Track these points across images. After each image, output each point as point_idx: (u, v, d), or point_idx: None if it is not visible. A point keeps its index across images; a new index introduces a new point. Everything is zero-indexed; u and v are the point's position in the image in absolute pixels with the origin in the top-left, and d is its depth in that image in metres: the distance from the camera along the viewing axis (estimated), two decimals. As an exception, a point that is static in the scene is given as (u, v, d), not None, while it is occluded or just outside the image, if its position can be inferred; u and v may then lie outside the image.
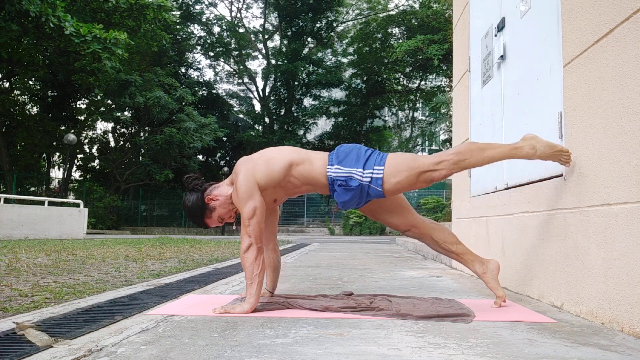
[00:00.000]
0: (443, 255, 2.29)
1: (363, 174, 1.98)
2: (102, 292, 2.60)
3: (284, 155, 2.06)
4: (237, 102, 31.87)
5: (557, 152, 1.96)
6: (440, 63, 17.16)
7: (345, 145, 2.11)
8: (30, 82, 22.47)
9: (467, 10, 3.80)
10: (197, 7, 27.83)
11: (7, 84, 22.31)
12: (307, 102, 30.32)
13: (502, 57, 2.89)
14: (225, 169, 26.98)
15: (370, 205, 2.16)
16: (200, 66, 29.96)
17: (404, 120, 31.71)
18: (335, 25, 29.40)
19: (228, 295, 2.43)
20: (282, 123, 28.19)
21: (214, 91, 29.47)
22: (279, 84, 28.70)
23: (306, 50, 29.01)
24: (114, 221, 22.07)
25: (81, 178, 26.19)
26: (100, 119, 24.30)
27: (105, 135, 25.59)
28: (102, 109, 23.45)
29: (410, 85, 28.57)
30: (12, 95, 22.44)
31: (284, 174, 2.04)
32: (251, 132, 27.94)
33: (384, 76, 27.79)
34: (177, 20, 21.28)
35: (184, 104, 22.79)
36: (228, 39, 28.87)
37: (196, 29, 28.73)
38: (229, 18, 29.65)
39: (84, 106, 24.24)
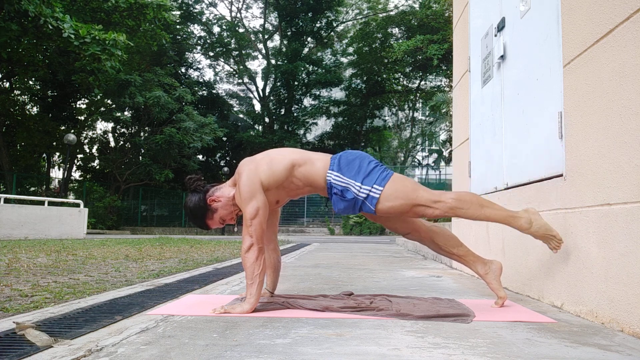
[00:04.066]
0: (445, 256, 2.30)
1: (360, 188, 1.99)
2: (102, 292, 2.60)
3: (287, 156, 2.07)
4: (237, 102, 31.90)
5: (550, 236, 1.97)
6: (439, 63, 17.16)
7: (350, 152, 2.10)
8: (30, 82, 22.48)
9: (467, 10, 3.80)
10: (197, 7, 27.85)
11: (7, 84, 22.32)
12: (307, 102, 30.35)
13: (502, 57, 2.89)
14: (226, 169, 26.99)
15: None
16: (200, 66, 30.01)
17: (404, 120, 31.73)
18: (335, 25, 29.41)
19: (228, 295, 2.43)
20: (282, 123, 28.21)
21: (214, 91, 29.49)
22: (279, 84, 28.72)
23: (306, 50, 29.02)
24: (114, 221, 22.08)
25: (81, 178, 26.21)
26: (100, 119, 24.32)
27: (105, 135, 25.61)
28: (102, 109, 23.46)
29: (410, 85, 28.59)
30: (12, 95, 22.44)
31: (287, 174, 2.05)
32: (251, 132, 27.96)
33: (384, 76, 27.81)
34: (177, 20, 21.28)
35: (183, 103, 22.80)
36: (228, 39, 28.88)
37: (196, 29, 28.76)
38: (229, 18, 29.68)
39: (84, 106, 24.26)
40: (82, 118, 24.06)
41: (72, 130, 22.05)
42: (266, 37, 29.72)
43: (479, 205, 1.99)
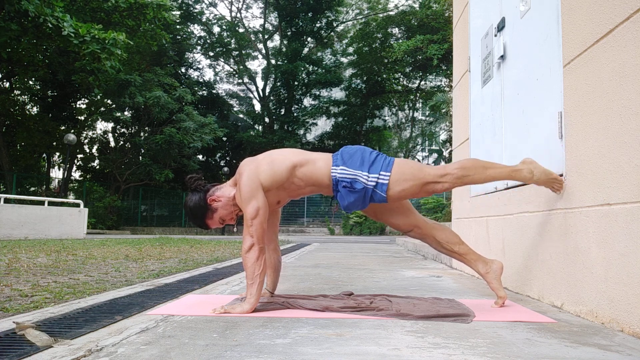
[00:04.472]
0: (445, 255, 2.30)
1: (369, 177, 2.00)
2: (102, 292, 2.60)
3: (287, 157, 2.08)
4: (237, 102, 31.89)
5: (552, 179, 2.05)
6: (439, 63, 17.16)
7: (349, 147, 2.13)
8: (30, 82, 22.48)
9: (467, 10, 3.80)
10: (197, 7, 27.84)
11: (7, 84, 22.32)
12: (307, 102, 30.34)
13: (502, 57, 2.89)
14: (226, 169, 26.99)
15: (372, 205, 2.16)
16: (200, 66, 30.01)
17: (404, 120, 31.73)
18: (335, 25, 29.40)
19: (228, 295, 2.43)
20: (282, 123, 28.20)
21: (214, 91, 29.49)
22: (279, 84, 28.71)
23: (306, 50, 29.02)
24: (114, 221, 22.08)
25: (81, 178, 26.21)
26: (100, 119, 24.32)
27: (105, 135, 25.61)
28: (102, 109, 23.46)
29: (410, 85, 28.58)
30: (12, 95, 22.44)
31: (288, 175, 2.05)
32: (251, 132, 27.95)
33: (384, 76, 27.79)
34: (177, 20, 21.28)
35: (183, 103, 22.80)
36: (228, 39, 28.88)
37: (196, 29, 28.76)
38: (229, 18, 29.67)
39: (84, 106, 24.26)
40: (82, 118, 24.06)
41: (72, 130, 22.05)
42: (266, 37, 29.72)
43: (482, 168, 2.04)
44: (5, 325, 1.65)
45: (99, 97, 22.27)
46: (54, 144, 22.87)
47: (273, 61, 29.06)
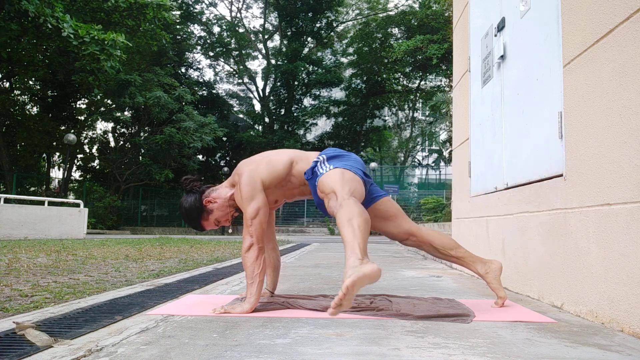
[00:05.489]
0: (444, 260, 2.29)
1: (323, 165, 2.00)
2: (102, 292, 2.60)
3: (285, 155, 2.11)
4: (237, 102, 31.90)
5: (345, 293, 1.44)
6: (439, 63, 17.17)
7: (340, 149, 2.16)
8: (30, 82, 22.48)
9: (467, 10, 3.80)
10: (197, 7, 27.85)
11: (7, 84, 22.32)
12: (307, 102, 30.35)
13: (502, 57, 2.89)
14: (226, 169, 26.99)
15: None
16: (200, 66, 30.02)
17: (404, 120, 31.74)
18: (335, 25, 29.40)
19: (228, 295, 2.43)
20: (282, 123, 28.21)
21: (214, 91, 29.49)
22: (279, 84, 28.71)
23: (306, 50, 29.02)
24: (114, 221, 22.09)
25: (81, 178, 26.22)
26: (100, 119, 24.33)
27: (105, 135, 25.62)
28: (102, 109, 23.48)
29: (410, 85, 28.58)
30: (12, 95, 22.44)
31: (286, 172, 2.07)
32: (251, 132, 27.95)
33: (384, 76, 27.80)
34: (177, 20, 21.28)
35: (183, 103, 22.80)
36: (228, 39, 28.89)
37: (196, 29, 28.77)
38: (229, 18, 29.68)
39: (84, 106, 24.27)
40: (82, 118, 24.07)
41: (72, 130, 22.05)
42: (266, 37, 29.71)
43: (348, 219, 1.67)
44: (5, 325, 1.65)
45: (99, 97, 22.28)
46: (54, 144, 22.88)
47: (273, 61, 29.06)
